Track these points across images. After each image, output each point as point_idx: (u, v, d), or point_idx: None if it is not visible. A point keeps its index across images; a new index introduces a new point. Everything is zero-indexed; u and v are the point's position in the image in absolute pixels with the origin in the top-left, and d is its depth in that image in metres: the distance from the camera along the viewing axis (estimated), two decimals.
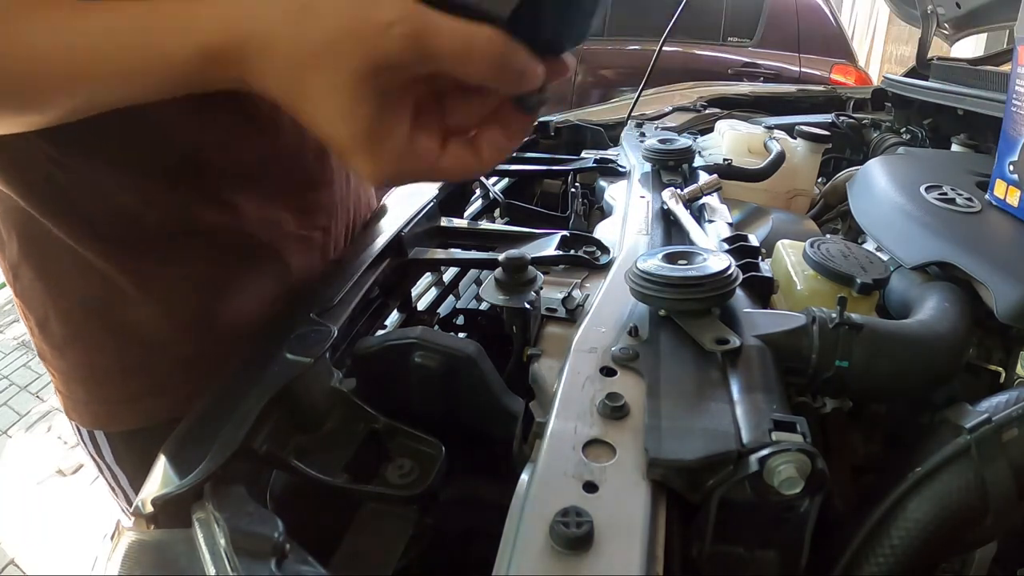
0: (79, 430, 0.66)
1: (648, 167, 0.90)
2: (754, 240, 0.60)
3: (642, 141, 1.01)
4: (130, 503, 0.38)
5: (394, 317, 0.67)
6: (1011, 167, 0.66)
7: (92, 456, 0.67)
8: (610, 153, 1.07)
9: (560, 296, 0.56)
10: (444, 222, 0.75)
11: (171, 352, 0.60)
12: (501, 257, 0.56)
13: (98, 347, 0.59)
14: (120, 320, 0.58)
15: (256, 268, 0.62)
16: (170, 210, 0.55)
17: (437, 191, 0.81)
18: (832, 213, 1.00)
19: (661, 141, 0.91)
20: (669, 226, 0.71)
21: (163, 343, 0.59)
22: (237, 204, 0.58)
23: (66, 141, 0.49)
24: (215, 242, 0.58)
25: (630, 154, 1.00)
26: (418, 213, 0.74)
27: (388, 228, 0.71)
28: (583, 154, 1.07)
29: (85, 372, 0.61)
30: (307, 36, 0.33)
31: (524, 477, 0.35)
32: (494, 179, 1.05)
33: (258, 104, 0.57)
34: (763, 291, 0.54)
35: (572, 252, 0.63)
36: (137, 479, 0.40)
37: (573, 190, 0.95)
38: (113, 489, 0.69)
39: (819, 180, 1.08)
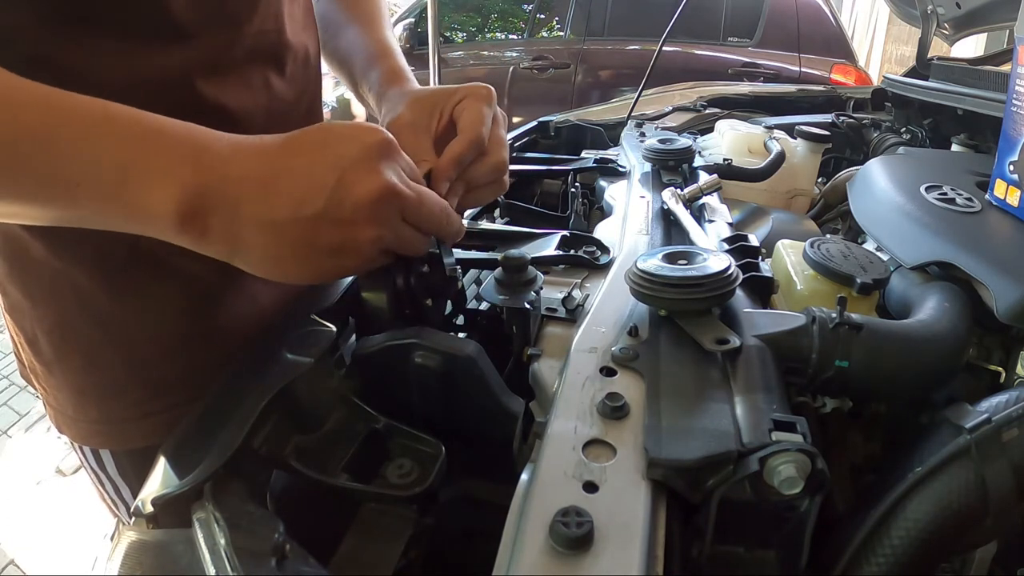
0: (78, 446, 0.65)
1: (648, 167, 0.90)
2: (754, 240, 0.60)
3: (642, 141, 1.01)
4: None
5: None
6: (1011, 167, 0.66)
7: (92, 469, 0.66)
8: (610, 153, 1.07)
9: (560, 296, 0.56)
10: None
11: (155, 374, 0.59)
12: (501, 257, 0.56)
13: (85, 368, 0.59)
14: (105, 341, 0.57)
15: (236, 285, 0.61)
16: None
17: None
18: (832, 213, 1.00)
19: (661, 141, 0.91)
20: (669, 226, 0.71)
21: (147, 365, 0.59)
22: None
23: None
24: (195, 264, 0.56)
25: (630, 154, 1.00)
26: None
27: None
28: (583, 154, 1.07)
29: (73, 391, 0.60)
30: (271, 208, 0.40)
31: (524, 477, 0.35)
32: None
33: (243, 119, 0.57)
34: (763, 291, 0.54)
35: (572, 252, 0.63)
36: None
37: (573, 190, 0.95)
38: (115, 503, 0.68)
39: (819, 180, 1.08)
